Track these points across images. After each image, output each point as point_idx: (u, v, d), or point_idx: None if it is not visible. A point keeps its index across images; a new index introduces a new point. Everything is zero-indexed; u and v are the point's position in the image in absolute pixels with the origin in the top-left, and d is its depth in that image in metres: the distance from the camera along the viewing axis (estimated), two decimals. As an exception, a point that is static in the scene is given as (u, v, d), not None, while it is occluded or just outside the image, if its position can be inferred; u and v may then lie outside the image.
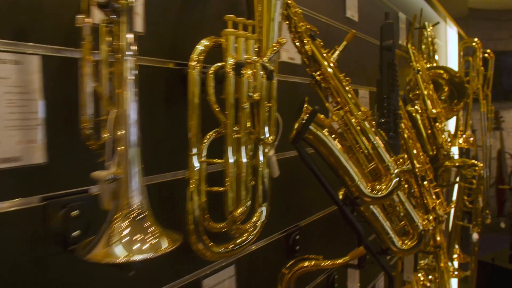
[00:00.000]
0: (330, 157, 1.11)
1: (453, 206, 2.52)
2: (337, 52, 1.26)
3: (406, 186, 1.40)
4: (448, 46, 3.66)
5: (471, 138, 3.09)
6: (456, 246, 3.03)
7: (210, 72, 0.81)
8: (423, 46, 2.45)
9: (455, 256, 3.04)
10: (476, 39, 2.93)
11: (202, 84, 0.82)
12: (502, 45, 5.24)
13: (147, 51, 0.83)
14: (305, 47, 1.08)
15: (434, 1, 3.01)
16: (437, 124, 1.91)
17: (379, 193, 1.11)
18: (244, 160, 0.84)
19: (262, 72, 0.88)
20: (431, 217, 1.40)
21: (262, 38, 0.94)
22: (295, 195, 1.34)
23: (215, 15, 1.00)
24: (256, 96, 0.85)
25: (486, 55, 3.26)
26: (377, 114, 1.57)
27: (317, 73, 1.11)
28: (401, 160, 1.14)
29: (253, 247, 1.15)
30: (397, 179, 1.13)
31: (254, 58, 0.86)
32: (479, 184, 3.04)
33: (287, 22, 1.09)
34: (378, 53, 1.62)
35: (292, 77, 1.33)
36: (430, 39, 2.43)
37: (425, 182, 1.68)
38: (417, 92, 2.03)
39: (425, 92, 1.99)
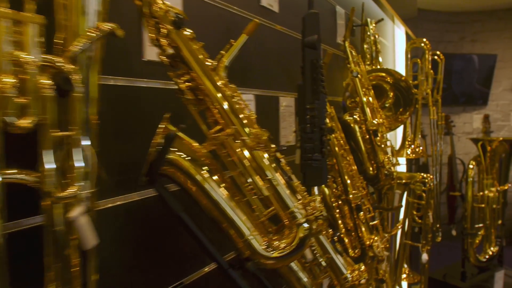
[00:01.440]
0: (207, 202, 0.76)
1: (399, 226, 2.24)
2: (232, 50, 0.92)
3: (330, 230, 1.07)
4: (396, 47, 3.42)
5: (421, 148, 2.85)
6: (405, 265, 2.77)
7: None
8: (365, 46, 2.16)
9: (403, 276, 2.77)
10: (424, 40, 2.68)
11: None
12: (452, 48, 5.10)
13: None
14: (162, 40, 0.72)
15: (379, -3, 2.74)
16: (377, 138, 1.60)
17: (279, 252, 0.77)
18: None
19: (49, 81, 0.51)
20: (363, 267, 1.08)
21: (69, 24, 0.58)
22: (178, 241, 0.98)
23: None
24: (24, 122, 0.47)
25: (435, 57, 3.03)
26: (298, 129, 1.24)
27: (184, 78, 0.75)
28: (312, 204, 0.80)
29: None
30: (306, 228, 0.79)
31: (25, 55, 0.48)
32: (429, 197, 2.80)
33: (139, 2, 0.72)
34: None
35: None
36: (372, 37, 2.14)
37: (361, 213, 1.36)
38: (357, 99, 1.72)
39: (364, 99, 1.68)
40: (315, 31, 1.26)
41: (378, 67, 2.23)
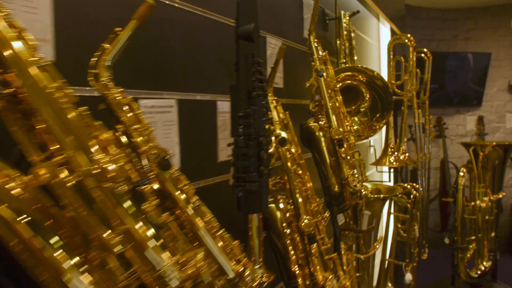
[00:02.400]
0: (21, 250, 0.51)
1: (377, 246, 1.99)
2: (117, 42, 0.68)
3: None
4: (382, 45, 3.17)
5: (407, 154, 2.60)
6: (389, 284, 2.52)
7: None
8: (338, 42, 1.91)
9: (388, 295, 2.52)
10: (409, 35, 2.44)
11: None
12: (444, 46, 4.86)
13: None
14: None
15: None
16: (342, 149, 1.34)
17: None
18: None
19: None
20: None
21: None
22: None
23: None
24: None
25: (422, 55, 2.78)
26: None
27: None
28: (192, 263, 0.55)
29: None
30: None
31: None
32: (416, 209, 2.56)
33: None
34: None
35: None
36: (346, 32, 1.89)
37: (314, 245, 1.11)
38: (322, 102, 1.47)
39: (329, 104, 1.43)
40: (251, 19, 1.02)
41: (360, 66, 1.98)
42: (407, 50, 2.42)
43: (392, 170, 2.79)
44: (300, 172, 1.19)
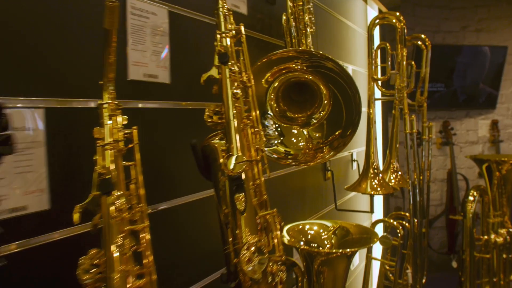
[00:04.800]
0: None
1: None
2: None
3: None
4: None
5: (399, 173, 1.97)
6: None
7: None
8: (283, 18, 1.29)
9: None
10: (397, 13, 1.80)
11: None
12: (452, 39, 4.18)
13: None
14: None
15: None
16: (241, 195, 0.73)
17: None
18: None
19: None
20: None
21: None
22: None
23: None
24: None
25: (419, 42, 2.14)
26: None
27: None
28: None
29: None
30: None
31: None
32: (408, 247, 1.93)
33: None
34: None
35: None
36: (291, 3, 1.27)
37: None
38: (222, 108, 0.86)
39: (231, 112, 0.81)
40: None
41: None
42: (396, 34, 1.79)
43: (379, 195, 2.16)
44: (127, 247, 0.57)
